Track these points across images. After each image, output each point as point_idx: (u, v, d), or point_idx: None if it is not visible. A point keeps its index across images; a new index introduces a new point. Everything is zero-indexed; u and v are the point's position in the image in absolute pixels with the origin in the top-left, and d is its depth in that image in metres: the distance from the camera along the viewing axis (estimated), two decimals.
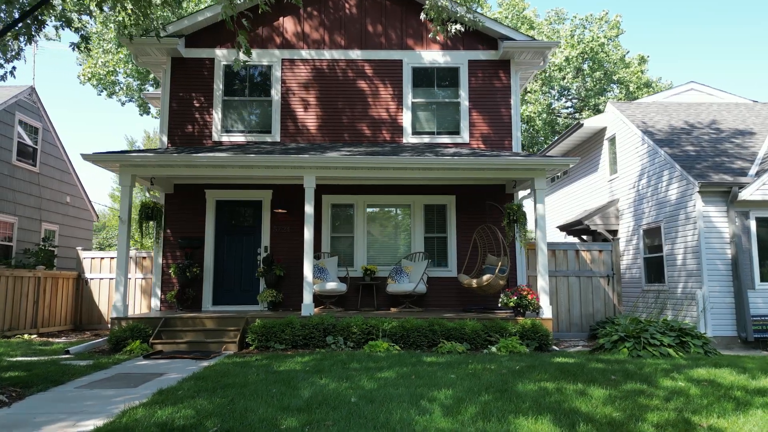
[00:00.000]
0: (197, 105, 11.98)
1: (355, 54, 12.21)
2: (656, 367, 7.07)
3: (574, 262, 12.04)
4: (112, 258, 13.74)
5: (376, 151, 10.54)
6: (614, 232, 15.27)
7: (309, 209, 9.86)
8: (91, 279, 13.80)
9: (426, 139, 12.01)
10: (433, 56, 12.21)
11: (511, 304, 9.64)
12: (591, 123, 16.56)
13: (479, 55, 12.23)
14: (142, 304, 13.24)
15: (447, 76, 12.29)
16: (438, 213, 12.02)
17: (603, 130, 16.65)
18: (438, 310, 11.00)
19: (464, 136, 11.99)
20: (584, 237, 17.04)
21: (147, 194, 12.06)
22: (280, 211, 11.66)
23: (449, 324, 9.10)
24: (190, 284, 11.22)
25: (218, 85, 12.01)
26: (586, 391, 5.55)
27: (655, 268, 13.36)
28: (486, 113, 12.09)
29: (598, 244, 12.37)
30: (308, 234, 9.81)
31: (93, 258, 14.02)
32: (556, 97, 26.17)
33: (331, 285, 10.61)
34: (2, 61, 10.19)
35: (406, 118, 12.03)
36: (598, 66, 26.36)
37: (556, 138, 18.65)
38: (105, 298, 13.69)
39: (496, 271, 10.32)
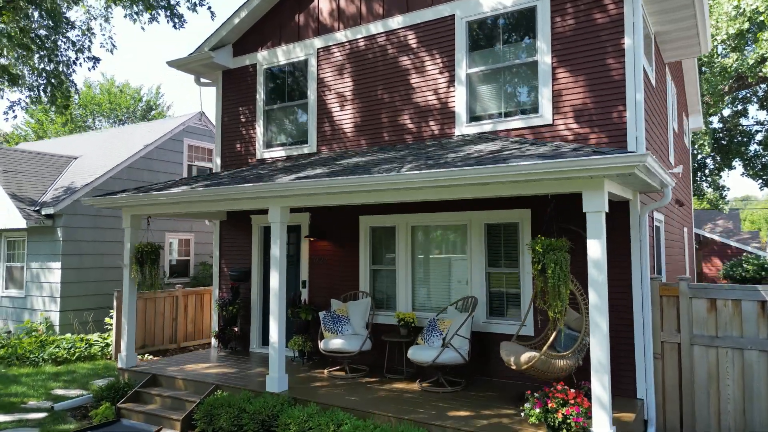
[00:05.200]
0: (243, 120, 10.66)
1: (396, 22, 8.99)
2: None
3: (753, 321, 6.42)
4: None
5: (357, 170, 7.43)
6: None
7: (275, 251, 7.49)
8: None
9: (487, 126, 8.07)
10: None
11: (533, 419, 5.46)
12: None
13: None
14: None
15: (518, 25, 8.00)
16: (507, 235, 7.98)
17: None
18: (483, 391, 7.23)
19: (545, 114, 7.61)
20: None
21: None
22: (313, 238, 9.48)
23: None
24: (232, 322, 10.12)
25: (260, 95, 10.43)
26: None
27: None
28: (581, 70, 7.42)
29: None
30: (275, 281, 7.46)
31: None
32: None
33: (336, 343, 7.99)
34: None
35: (459, 99, 8.30)
36: None
37: None
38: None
39: (545, 347, 6.10)
